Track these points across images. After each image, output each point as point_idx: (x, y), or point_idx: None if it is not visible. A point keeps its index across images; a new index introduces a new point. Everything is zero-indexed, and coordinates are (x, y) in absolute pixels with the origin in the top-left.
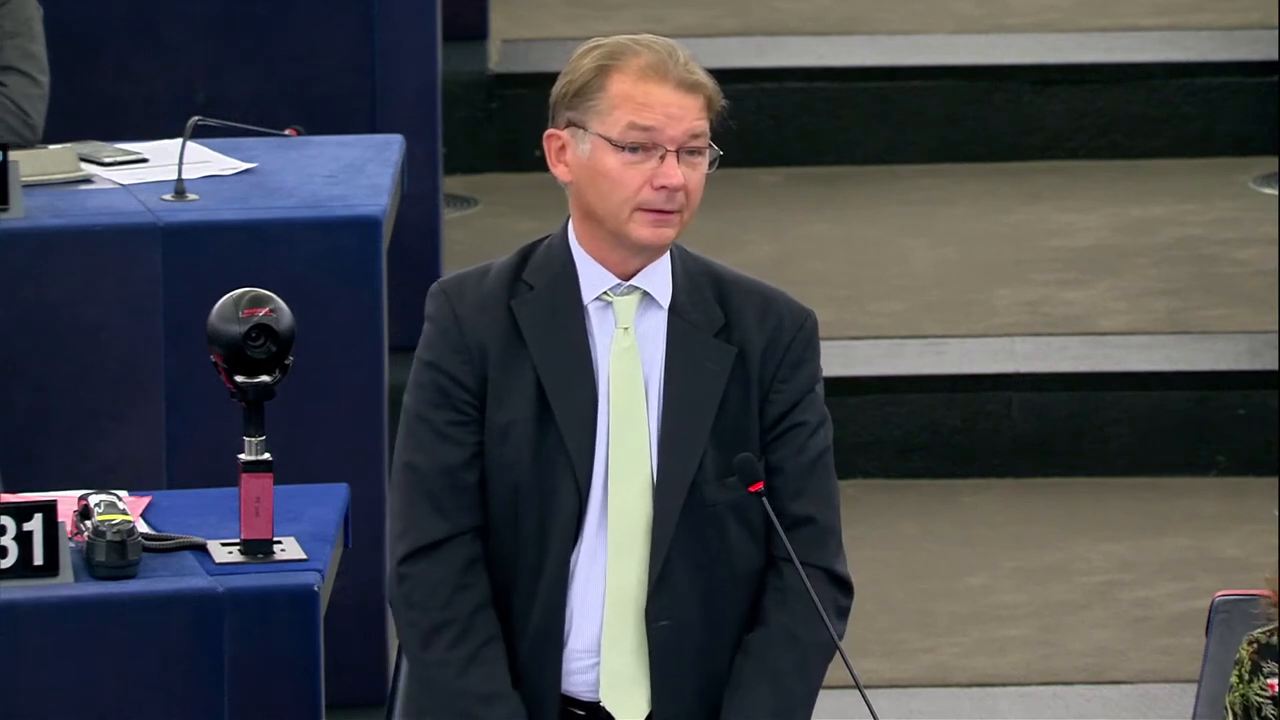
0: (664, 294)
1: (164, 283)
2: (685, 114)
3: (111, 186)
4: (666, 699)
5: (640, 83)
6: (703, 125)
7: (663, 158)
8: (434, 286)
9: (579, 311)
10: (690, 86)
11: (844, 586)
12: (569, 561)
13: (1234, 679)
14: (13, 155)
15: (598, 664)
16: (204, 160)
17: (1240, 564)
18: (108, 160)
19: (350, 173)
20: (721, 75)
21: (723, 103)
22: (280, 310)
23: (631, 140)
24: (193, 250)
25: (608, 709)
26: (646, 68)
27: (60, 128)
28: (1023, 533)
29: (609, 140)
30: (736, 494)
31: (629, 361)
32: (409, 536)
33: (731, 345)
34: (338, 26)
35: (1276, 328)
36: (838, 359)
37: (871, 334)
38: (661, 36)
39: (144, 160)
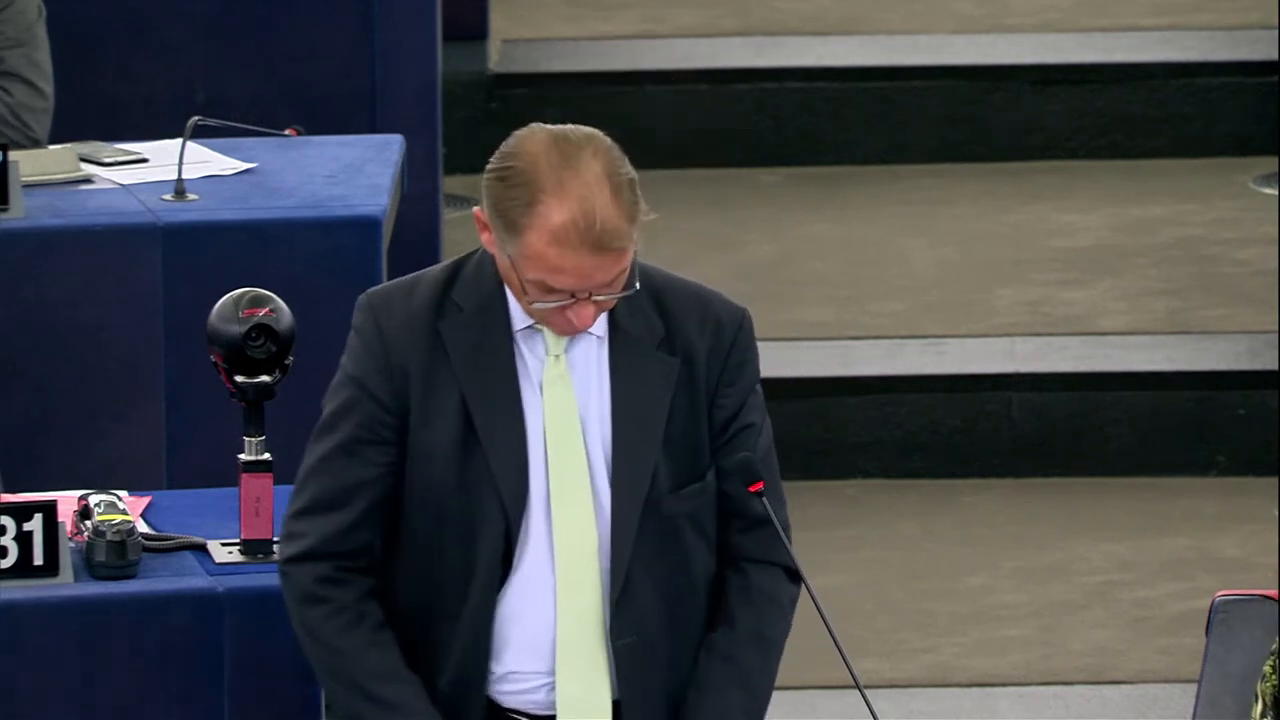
0: (596, 321)
1: (164, 283)
2: (599, 272)
3: (111, 186)
4: (638, 713)
5: (555, 248)
6: (621, 270)
7: (573, 299)
8: (362, 299)
9: (507, 338)
10: (606, 246)
11: (796, 579)
12: (495, 586)
13: (1267, 668)
14: (13, 155)
15: (551, 685)
16: (204, 160)
17: (1240, 564)
18: (108, 160)
19: (350, 173)
20: (721, 75)
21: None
22: (280, 310)
23: (539, 295)
24: (193, 250)
25: None
26: (566, 232)
27: (60, 128)
28: (1023, 533)
29: (521, 277)
30: (692, 504)
31: (561, 389)
32: (297, 542)
33: (675, 355)
34: (338, 26)
35: (1276, 328)
36: (838, 359)
37: (871, 334)
38: (603, 149)
39: (144, 160)
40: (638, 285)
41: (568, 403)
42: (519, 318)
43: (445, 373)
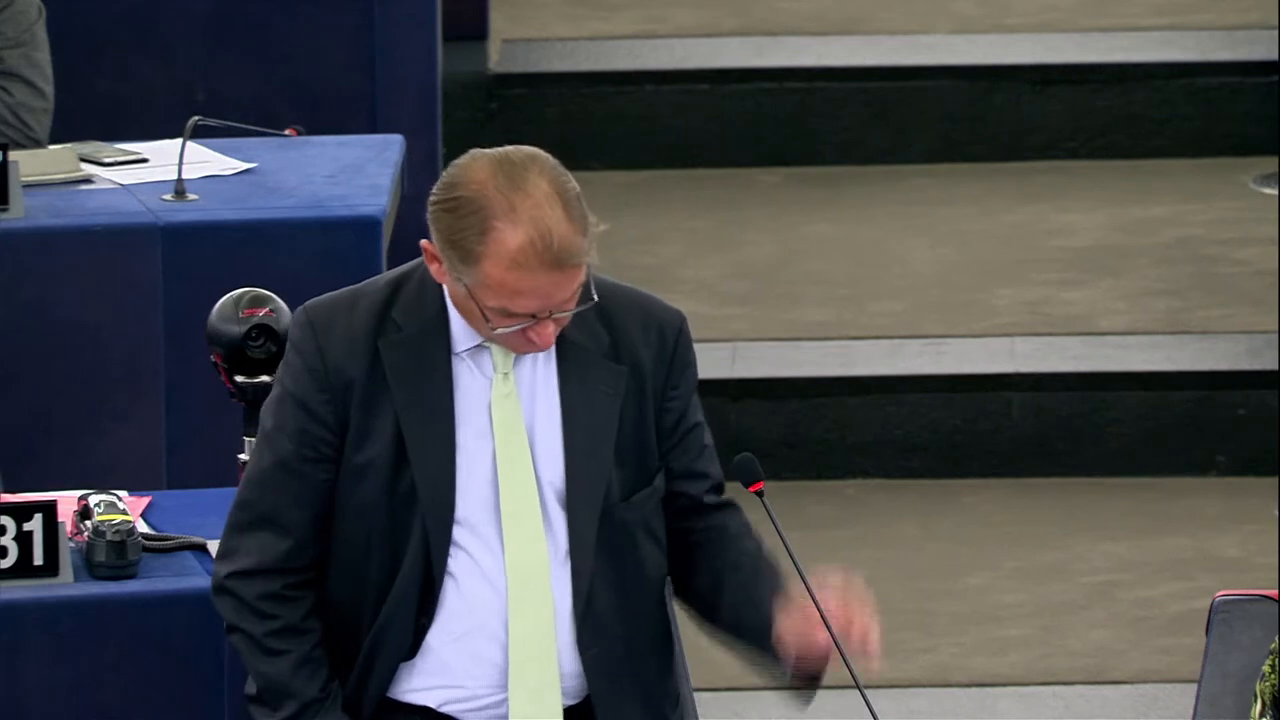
0: None
1: (164, 283)
2: (559, 290)
3: (111, 186)
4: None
5: (513, 271)
6: (578, 285)
7: (535, 320)
8: (300, 314)
9: (446, 361)
10: (565, 263)
11: None
12: (417, 603)
13: (1266, 668)
14: (13, 155)
15: (503, 700)
16: (204, 160)
17: (1240, 564)
18: (108, 160)
19: (350, 173)
20: (721, 75)
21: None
22: (280, 310)
23: (502, 321)
24: (193, 250)
25: None
26: (522, 254)
27: (60, 128)
28: (1023, 533)
29: (479, 304)
30: (643, 510)
31: (510, 406)
32: (235, 559)
33: (622, 364)
34: (338, 26)
35: (1276, 328)
36: (838, 359)
37: (871, 334)
38: (546, 167)
39: (144, 160)
40: (595, 297)
41: (516, 420)
42: (461, 339)
43: (382, 392)
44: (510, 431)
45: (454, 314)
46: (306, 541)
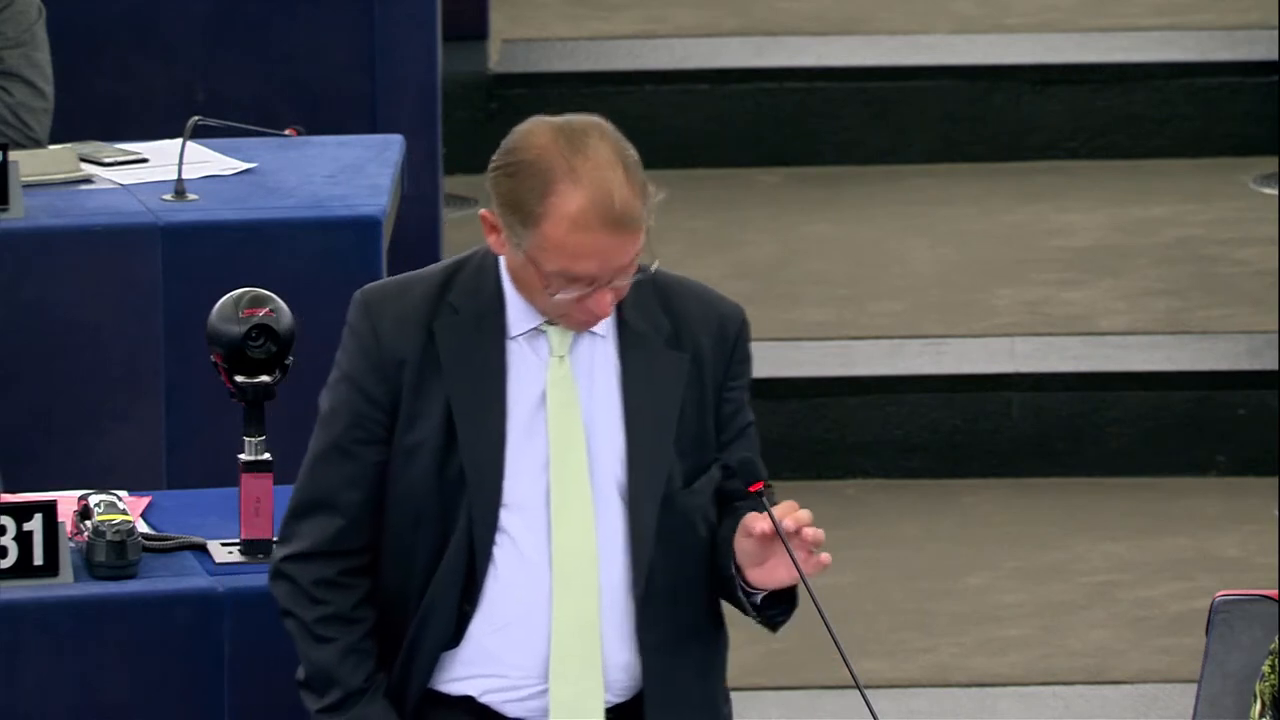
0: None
1: (164, 283)
2: (619, 253)
3: (111, 186)
4: (667, 711)
5: (575, 233)
6: (637, 251)
7: (591, 284)
8: (357, 296)
9: (501, 344)
10: (625, 225)
11: None
12: (460, 590)
13: (1266, 668)
14: (13, 155)
15: (545, 692)
16: (204, 160)
17: (1240, 564)
18: (108, 160)
19: (350, 173)
20: (721, 75)
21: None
22: (280, 310)
23: (562, 286)
24: (193, 250)
25: None
26: (584, 215)
27: (60, 128)
28: (1023, 533)
29: (540, 269)
30: (702, 498)
31: (566, 391)
32: (291, 543)
33: (684, 351)
34: (338, 26)
35: (1276, 328)
36: (838, 359)
37: (871, 334)
38: (607, 133)
39: (144, 160)
40: (655, 265)
41: (572, 404)
42: (517, 323)
43: (435, 373)
44: (565, 415)
45: (510, 297)
46: (360, 523)
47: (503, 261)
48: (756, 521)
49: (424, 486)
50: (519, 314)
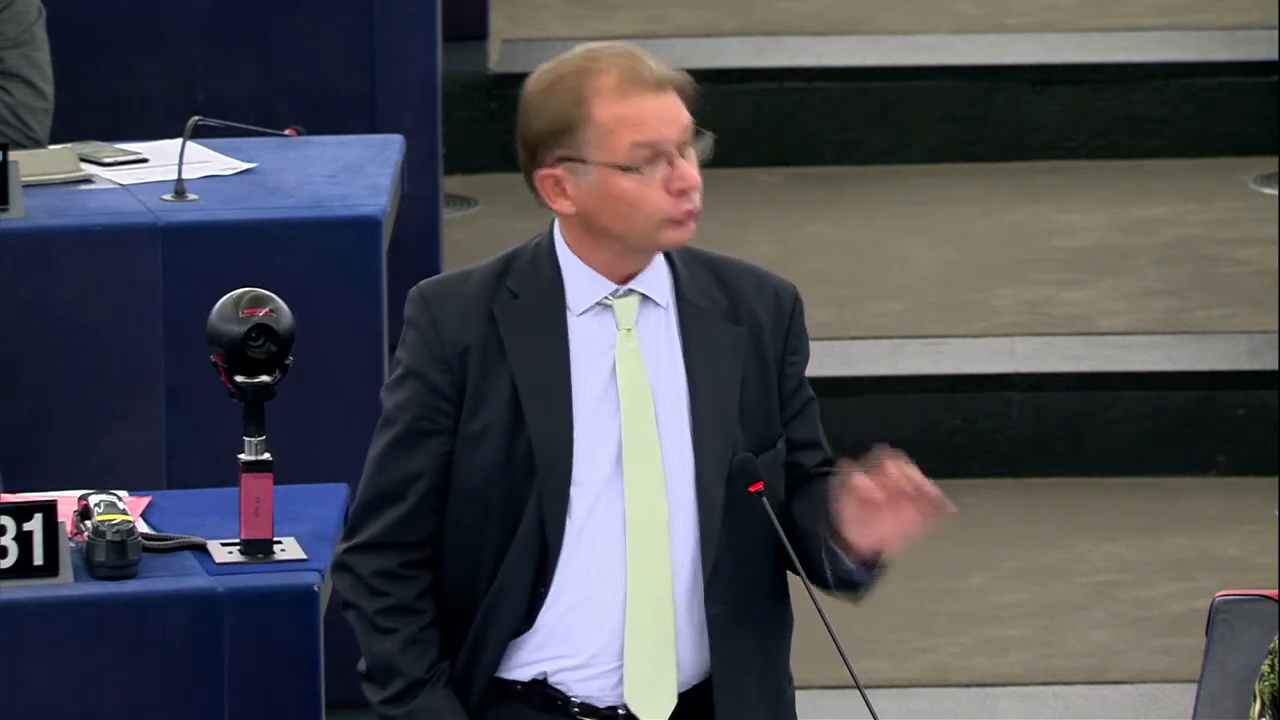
0: (661, 292)
1: (164, 283)
2: (674, 113)
3: (111, 186)
4: (730, 687)
5: (623, 101)
6: (688, 115)
7: (670, 162)
8: (414, 291)
9: (563, 322)
10: (666, 85)
11: None
12: (533, 572)
13: (1265, 668)
14: (13, 155)
15: (618, 669)
16: (204, 160)
17: (1240, 564)
18: (108, 160)
19: (350, 173)
20: (721, 75)
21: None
22: (280, 310)
23: (639, 159)
24: (193, 250)
25: (633, 712)
26: (623, 83)
27: (60, 128)
28: (1023, 533)
29: (617, 166)
30: (768, 471)
31: (634, 363)
32: (354, 535)
33: (740, 325)
34: (338, 26)
35: (1276, 328)
36: (838, 359)
37: (871, 334)
38: (602, 43)
39: (144, 160)
40: (712, 136)
41: (641, 377)
42: (579, 300)
43: (498, 356)
44: (636, 387)
45: (570, 276)
46: (423, 515)
47: (559, 243)
48: (871, 480)
49: (491, 471)
50: (580, 291)
